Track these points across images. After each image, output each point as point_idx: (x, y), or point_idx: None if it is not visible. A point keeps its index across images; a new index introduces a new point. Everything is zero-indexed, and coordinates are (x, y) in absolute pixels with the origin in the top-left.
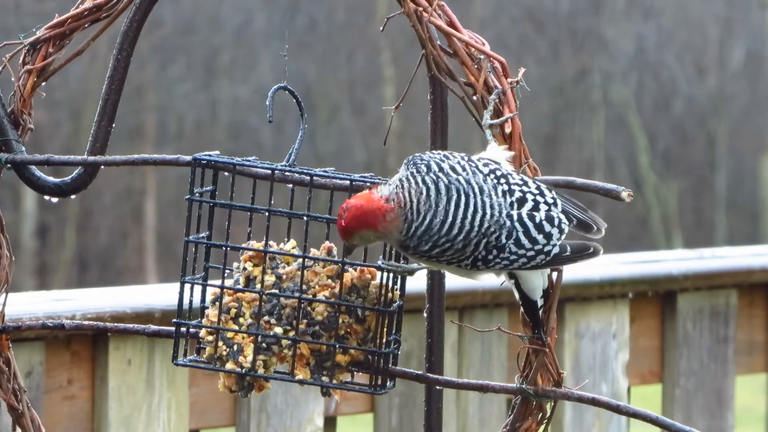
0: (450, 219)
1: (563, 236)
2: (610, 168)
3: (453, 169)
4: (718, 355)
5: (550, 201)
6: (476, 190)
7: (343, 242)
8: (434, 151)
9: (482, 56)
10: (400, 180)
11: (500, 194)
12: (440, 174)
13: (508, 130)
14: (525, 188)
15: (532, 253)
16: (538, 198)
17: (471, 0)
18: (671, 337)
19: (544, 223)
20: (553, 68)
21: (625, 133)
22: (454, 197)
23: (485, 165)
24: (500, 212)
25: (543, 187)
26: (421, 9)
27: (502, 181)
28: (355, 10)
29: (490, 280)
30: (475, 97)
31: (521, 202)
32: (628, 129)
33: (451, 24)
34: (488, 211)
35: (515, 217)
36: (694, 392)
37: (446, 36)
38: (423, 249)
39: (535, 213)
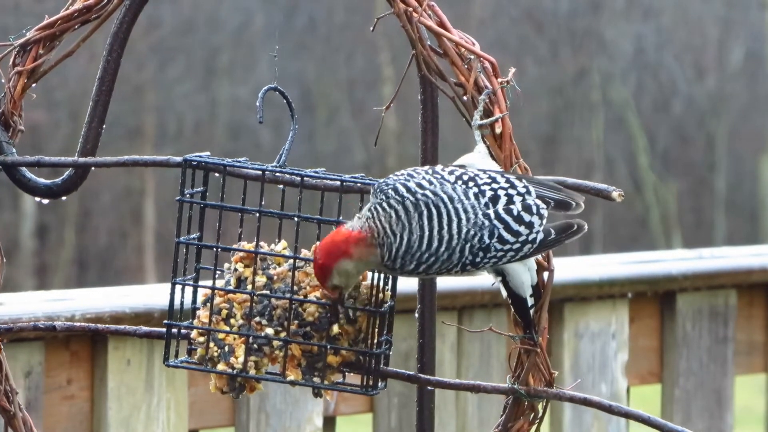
0: (427, 233)
1: (544, 221)
2: (609, 168)
3: (419, 185)
4: (717, 355)
5: (523, 191)
6: (445, 199)
7: (325, 288)
8: (398, 173)
9: (472, 56)
10: (369, 211)
11: (472, 197)
12: (407, 194)
13: (498, 130)
14: (494, 185)
15: (518, 245)
16: (510, 191)
17: (470, 0)
18: (670, 337)
19: (523, 214)
20: (553, 68)
21: (625, 134)
22: (425, 212)
23: (450, 173)
24: (475, 214)
25: (512, 178)
26: (410, 9)
27: (471, 184)
28: (353, 10)
29: (484, 278)
30: (465, 98)
31: (494, 199)
32: (628, 129)
33: (441, 24)
34: (462, 216)
35: (492, 216)
36: (694, 392)
37: (436, 36)
38: (410, 268)
39: (512, 206)
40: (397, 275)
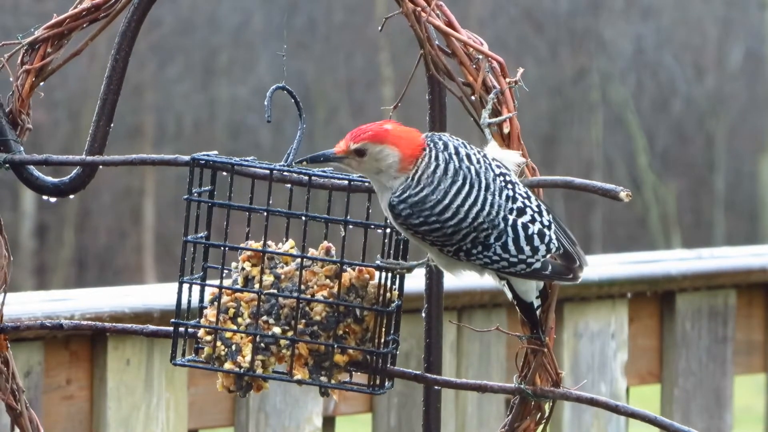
0: (446, 202)
1: (548, 255)
2: (608, 168)
3: (468, 157)
4: (716, 355)
5: (546, 222)
6: (483, 184)
7: (353, 143)
8: (453, 137)
9: (480, 56)
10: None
11: (503, 197)
12: (454, 156)
13: (506, 130)
14: (527, 202)
15: (514, 260)
16: (536, 216)
17: (470, 0)
18: (670, 337)
19: (535, 236)
20: (552, 68)
21: (624, 133)
22: (458, 183)
23: (498, 167)
24: (497, 213)
25: (543, 207)
26: (419, 9)
27: (509, 186)
28: (353, 10)
29: (488, 280)
30: (473, 97)
31: (520, 212)
32: (627, 129)
33: (450, 24)
34: (487, 208)
35: (510, 222)
36: (693, 392)
37: (444, 36)
38: (412, 222)
39: (530, 225)
40: (397, 223)
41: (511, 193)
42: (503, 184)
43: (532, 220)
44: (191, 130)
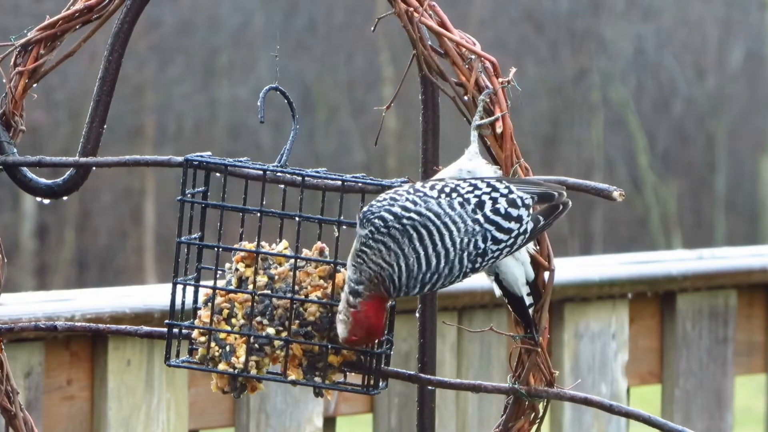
0: (422, 253)
1: (531, 210)
2: (609, 168)
3: (404, 208)
4: (717, 355)
5: (505, 191)
6: (432, 217)
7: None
8: (380, 198)
9: (473, 56)
10: (358, 256)
11: (457, 207)
12: (392, 222)
13: (499, 129)
14: (477, 191)
15: (511, 240)
16: (493, 194)
17: (470, 0)
18: (670, 337)
19: (510, 210)
20: (552, 69)
21: (625, 134)
22: (414, 235)
23: (432, 188)
24: (464, 222)
25: (492, 181)
26: (411, 9)
27: (454, 195)
28: (353, 10)
29: (484, 278)
30: (466, 97)
31: (480, 205)
32: (628, 129)
33: (442, 24)
34: (453, 228)
35: (482, 220)
36: (694, 393)
37: (437, 36)
38: (415, 291)
39: (497, 206)
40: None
41: (459, 198)
42: (448, 198)
43: (495, 201)
44: (191, 131)
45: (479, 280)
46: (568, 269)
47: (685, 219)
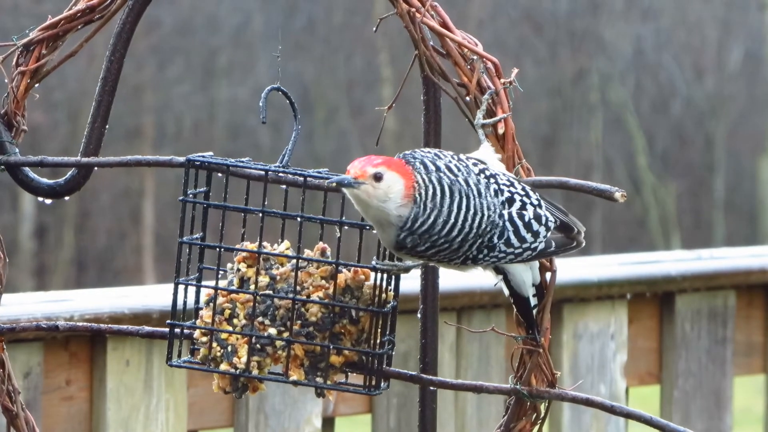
0: (452, 221)
1: (549, 234)
2: (608, 169)
3: (449, 168)
4: (716, 356)
5: (535, 202)
6: (475, 192)
7: (371, 167)
8: (424, 150)
9: (475, 57)
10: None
11: (492, 194)
12: (441, 173)
13: (501, 130)
14: (512, 189)
15: (520, 250)
16: (525, 199)
17: (469, 1)
18: (669, 338)
19: (533, 222)
20: (552, 69)
21: (624, 134)
22: (457, 199)
23: (474, 165)
24: (494, 212)
25: (528, 188)
26: (413, 10)
27: (492, 181)
28: (353, 10)
29: (483, 279)
30: (468, 98)
31: (510, 201)
32: (627, 130)
33: (444, 25)
34: (485, 212)
35: (506, 217)
36: (693, 393)
37: (439, 36)
38: (420, 249)
39: (524, 212)
40: (402, 254)
41: (495, 186)
42: (486, 180)
43: (523, 206)
44: (191, 131)
45: (478, 281)
46: (567, 270)
47: (684, 219)
